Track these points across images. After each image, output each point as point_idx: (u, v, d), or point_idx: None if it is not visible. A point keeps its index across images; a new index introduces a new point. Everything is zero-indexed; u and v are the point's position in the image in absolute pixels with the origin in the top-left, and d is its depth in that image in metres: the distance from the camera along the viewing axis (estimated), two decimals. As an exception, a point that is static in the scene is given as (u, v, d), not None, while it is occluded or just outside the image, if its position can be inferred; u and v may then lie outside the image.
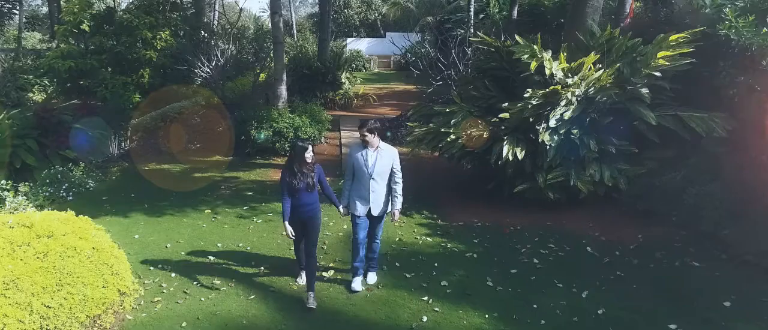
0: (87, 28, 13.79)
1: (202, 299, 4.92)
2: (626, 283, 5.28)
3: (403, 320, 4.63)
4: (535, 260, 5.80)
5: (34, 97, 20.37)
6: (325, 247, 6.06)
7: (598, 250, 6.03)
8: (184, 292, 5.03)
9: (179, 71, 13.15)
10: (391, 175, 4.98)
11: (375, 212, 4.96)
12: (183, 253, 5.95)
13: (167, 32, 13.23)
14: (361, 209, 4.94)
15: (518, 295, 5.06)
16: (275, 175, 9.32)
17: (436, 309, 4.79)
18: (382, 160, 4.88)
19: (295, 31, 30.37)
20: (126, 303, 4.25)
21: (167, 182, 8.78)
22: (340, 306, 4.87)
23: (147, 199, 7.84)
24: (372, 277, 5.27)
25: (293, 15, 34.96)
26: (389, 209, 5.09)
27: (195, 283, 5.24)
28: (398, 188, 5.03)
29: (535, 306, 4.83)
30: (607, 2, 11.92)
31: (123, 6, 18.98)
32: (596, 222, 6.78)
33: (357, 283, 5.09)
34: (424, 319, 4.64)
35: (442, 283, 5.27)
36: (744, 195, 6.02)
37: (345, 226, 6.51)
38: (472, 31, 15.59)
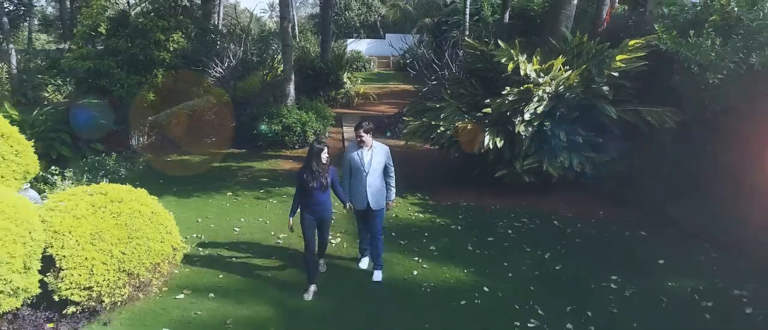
0: (104, 31, 14.77)
1: (233, 258, 6.01)
2: (583, 247, 6.38)
3: (397, 274, 5.70)
4: (510, 231, 6.90)
5: (48, 96, 21.38)
6: (334, 220, 7.07)
7: (563, 223, 7.13)
8: (218, 253, 6.12)
9: (191, 71, 14.15)
10: (385, 169, 5.47)
11: (374, 206, 5.40)
12: (212, 225, 7.04)
13: (179, 34, 14.20)
14: (360, 204, 5.42)
15: (493, 257, 6.14)
16: (285, 165, 10.41)
17: (425, 266, 5.88)
18: (377, 157, 5.36)
19: (297, 32, 31.37)
20: (177, 256, 5.32)
21: (190, 170, 9.88)
22: (347, 264, 5.95)
23: (174, 184, 8.91)
24: (377, 275, 5.61)
25: (295, 16, 36.00)
26: (386, 200, 5.55)
27: (225, 247, 6.33)
28: (391, 181, 5.55)
29: (505, 264, 5.92)
30: (590, 8, 13.00)
31: (130, 4, 19.97)
32: (565, 202, 7.87)
33: (364, 263, 5.77)
34: (415, 272, 5.72)
35: (431, 248, 6.36)
36: (687, 178, 7.12)
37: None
38: (467, 33, 16.59)
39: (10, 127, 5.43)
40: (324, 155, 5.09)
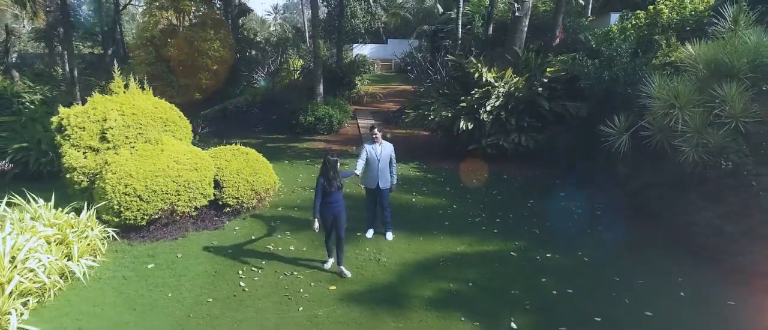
0: (157, 42, 18.26)
1: (303, 192, 9.85)
2: (518, 189, 10.23)
3: (402, 201, 9.48)
4: (474, 181, 10.75)
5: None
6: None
7: (510, 177, 10.99)
8: (292, 191, 9.96)
9: (230, 75, 17.69)
10: (390, 161, 7.46)
11: (382, 186, 7.42)
12: (282, 178, 10.83)
13: (218, 44, 17.72)
14: (372, 184, 7.43)
15: (461, 193, 9.98)
16: (319, 145, 14.24)
17: (419, 197, 9.70)
18: (385, 151, 7.33)
19: (307, 37, 35.04)
20: (275, 187, 9.14)
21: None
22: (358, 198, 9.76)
23: (245, 157, 12.72)
24: (389, 236, 7.75)
25: (306, 23, 39.75)
26: (390, 183, 7.52)
27: (296, 187, 10.16)
28: (394, 170, 7.51)
29: (467, 196, 9.76)
30: (547, 24, 16.77)
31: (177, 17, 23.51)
32: (513, 165, 11.72)
33: (370, 233, 7.74)
34: (413, 200, 9.55)
35: (423, 189, 10.19)
36: (588, 148, 10.94)
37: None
38: (459, 41, 20.34)
39: (177, 110, 9.25)
40: (338, 164, 6.29)
